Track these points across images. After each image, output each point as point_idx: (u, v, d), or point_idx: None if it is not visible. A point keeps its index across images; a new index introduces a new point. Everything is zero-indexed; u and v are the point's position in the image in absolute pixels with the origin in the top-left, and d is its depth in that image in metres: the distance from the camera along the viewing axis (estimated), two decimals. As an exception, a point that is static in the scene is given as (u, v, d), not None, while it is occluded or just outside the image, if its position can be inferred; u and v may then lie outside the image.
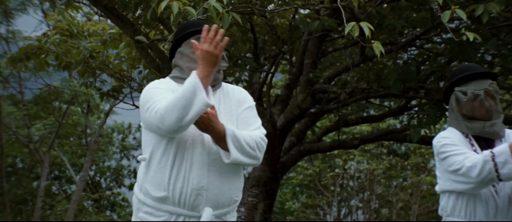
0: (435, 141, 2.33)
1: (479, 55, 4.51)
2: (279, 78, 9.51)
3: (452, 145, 2.23)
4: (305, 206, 14.72)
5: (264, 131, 2.06)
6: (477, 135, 2.27)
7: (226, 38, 1.93)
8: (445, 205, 2.33)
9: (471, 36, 3.02)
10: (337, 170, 14.06)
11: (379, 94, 4.93)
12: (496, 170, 2.09)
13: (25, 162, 15.56)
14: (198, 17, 3.21)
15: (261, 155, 2.01)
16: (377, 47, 2.91)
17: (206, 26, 1.91)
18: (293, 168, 15.59)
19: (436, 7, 3.19)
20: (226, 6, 3.37)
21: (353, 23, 2.88)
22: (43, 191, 11.55)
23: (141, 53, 4.57)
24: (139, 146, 18.09)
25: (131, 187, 17.85)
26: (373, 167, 13.46)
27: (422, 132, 4.50)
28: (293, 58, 5.41)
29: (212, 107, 1.90)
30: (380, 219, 14.62)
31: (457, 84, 2.31)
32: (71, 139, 16.27)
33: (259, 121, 2.10)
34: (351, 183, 14.58)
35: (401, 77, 4.49)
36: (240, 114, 2.06)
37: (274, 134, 4.87)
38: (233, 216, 2.08)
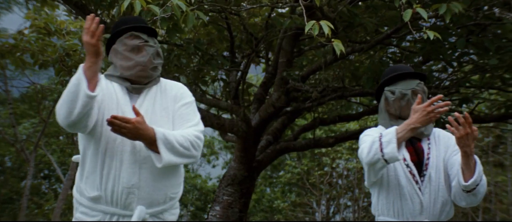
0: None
1: (454, 53, 4.53)
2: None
3: (367, 136, 2.25)
4: (293, 205, 14.74)
5: (201, 128, 2.03)
6: None
7: (101, 25, 1.87)
8: (375, 203, 2.34)
9: (431, 34, 3.03)
10: (326, 169, 14.09)
11: (354, 93, 4.93)
12: (381, 150, 2.09)
13: (13, 161, 15.49)
14: (162, 15, 3.20)
15: (197, 153, 1.98)
16: (337, 46, 2.91)
17: (88, 17, 1.87)
18: (282, 166, 15.62)
19: (406, 5, 3.21)
20: (191, 5, 3.37)
21: (313, 21, 2.89)
22: (29, 190, 11.50)
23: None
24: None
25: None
26: (361, 166, 13.49)
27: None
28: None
29: (138, 114, 1.85)
30: (369, 217, 14.66)
31: (386, 84, 2.34)
32: (61, 138, 16.23)
33: (197, 117, 2.06)
34: (339, 182, 14.62)
35: (374, 75, 4.50)
36: (177, 111, 2.03)
37: (249, 133, 4.87)
38: (172, 214, 2.04)
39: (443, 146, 2.29)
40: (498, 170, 12.39)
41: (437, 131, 2.37)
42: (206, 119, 4.73)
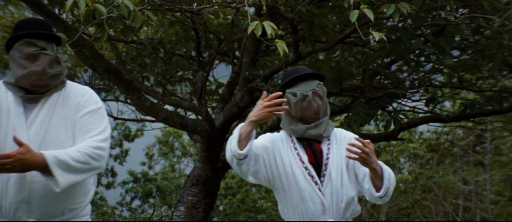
0: None
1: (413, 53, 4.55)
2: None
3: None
4: (277, 205, 14.73)
5: (104, 136, 1.94)
6: (300, 137, 2.32)
7: None
8: (281, 208, 2.37)
9: (377, 36, 3.04)
10: None
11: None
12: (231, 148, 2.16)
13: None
14: (110, 15, 3.18)
15: (99, 163, 1.90)
16: (280, 46, 2.91)
17: None
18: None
19: (357, 5, 3.22)
20: (140, 4, 3.35)
21: (256, 21, 2.88)
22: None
23: (75, 51, 4.53)
24: (117, 144, 18.01)
25: (108, 186, 17.74)
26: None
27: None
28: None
29: (21, 144, 1.76)
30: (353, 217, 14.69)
31: (287, 86, 2.36)
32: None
33: (102, 125, 1.97)
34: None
35: (336, 75, 4.50)
36: (78, 121, 1.95)
37: (212, 133, 4.86)
38: None
39: (345, 145, 2.31)
40: (478, 169, 12.47)
41: (339, 131, 2.41)
42: (169, 119, 4.71)
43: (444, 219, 12.82)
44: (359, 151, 2.10)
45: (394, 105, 5.50)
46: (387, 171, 2.22)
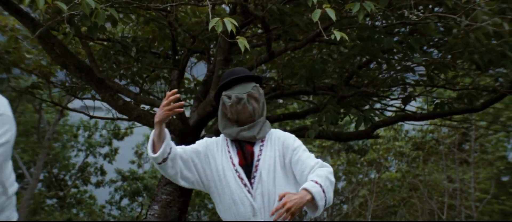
0: None
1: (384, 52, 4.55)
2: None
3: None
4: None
5: None
6: (234, 139, 2.33)
7: None
8: (218, 211, 2.38)
9: (338, 35, 3.04)
10: None
11: (293, 91, 4.94)
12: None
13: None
14: (71, 12, 3.16)
15: None
16: (242, 43, 2.91)
17: None
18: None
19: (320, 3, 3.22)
20: (104, 2, 3.33)
21: (217, 18, 2.87)
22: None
23: (46, 49, 4.50)
24: (105, 143, 17.92)
25: (97, 185, 17.66)
26: (331, 163, 13.58)
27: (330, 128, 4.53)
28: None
29: None
30: (340, 216, 14.74)
31: (224, 88, 2.36)
32: (35, 137, 16.03)
33: None
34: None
35: (309, 73, 4.51)
36: None
37: (186, 131, 4.84)
38: None
39: (279, 146, 2.32)
40: (464, 168, 12.55)
41: (275, 132, 2.41)
42: (142, 118, 4.69)
43: (430, 217, 12.89)
44: (284, 215, 2.01)
45: (378, 105, 5.52)
46: (318, 192, 2.10)
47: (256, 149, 2.33)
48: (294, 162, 2.27)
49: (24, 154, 14.90)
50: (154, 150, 2.20)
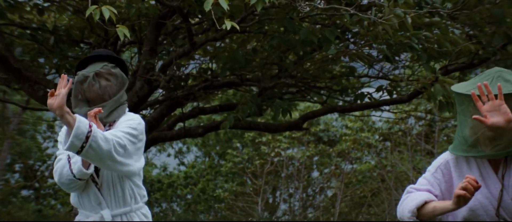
0: None
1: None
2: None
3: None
4: (235, 194, 14.79)
5: None
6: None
7: None
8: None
9: (229, 25, 3.02)
10: (274, 158, 14.14)
11: (222, 83, 4.92)
12: (71, 170, 2.14)
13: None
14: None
15: None
16: (121, 31, 2.88)
17: None
18: (223, 156, 15.62)
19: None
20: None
21: (94, 6, 2.83)
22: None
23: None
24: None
25: (76, 175, 17.51)
26: (300, 155, 13.61)
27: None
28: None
29: None
30: (313, 206, 14.80)
31: (79, 68, 2.33)
32: None
33: None
34: (284, 170, 14.71)
35: (232, 64, 4.49)
36: None
37: (112, 122, 4.81)
38: None
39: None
40: (429, 159, 12.64)
41: (128, 116, 2.38)
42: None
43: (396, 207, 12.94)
44: None
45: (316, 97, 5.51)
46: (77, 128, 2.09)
47: None
48: None
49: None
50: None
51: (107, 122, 2.29)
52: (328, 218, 14.21)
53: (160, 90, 5.61)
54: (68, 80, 2.07)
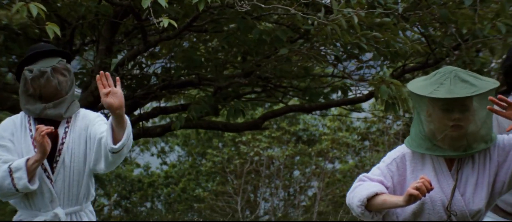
0: None
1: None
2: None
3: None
4: (215, 193, 14.75)
5: None
6: (38, 117, 2.25)
7: None
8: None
9: (166, 22, 3.00)
10: (255, 157, 14.11)
11: (179, 82, 4.88)
12: (14, 185, 2.12)
13: None
14: None
15: None
16: (50, 29, 2.83)
17: None
18: (204, 155, 15.57)
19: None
20: None
21: (21, 3, 2.77)
22: None
23: None
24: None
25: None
26: (279, 154, 13.60)
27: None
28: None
29: None
30: (293, 206, 14.80)
31: (26, 63, 2.26)
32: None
33: None
34: (264, 170, 14.69)
35: (187, 63, 4.45)
36: None
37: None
38: None
39: (82, 126, 2.30)
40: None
41: (83, 112, 2.38)
42: (17, 108, 4.57)
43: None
44: None
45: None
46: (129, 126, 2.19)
47: (61, 131, 2.27)
48: (93, 132, 2.28)
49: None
50: None
51: (65, 118, 2.26)
52: (308, 217, 14.23)
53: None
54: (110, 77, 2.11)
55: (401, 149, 2.13)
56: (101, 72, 2.11)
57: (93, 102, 4.91)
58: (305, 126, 13.53)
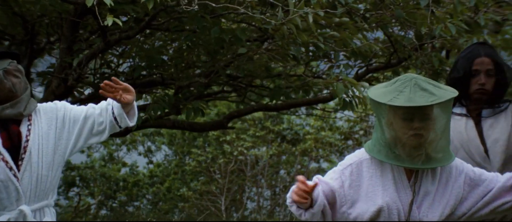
0: None
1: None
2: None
3: None
4: (199, 193, 14.70)
5: None
6: None
7: None
8: None
9: (110, 20, 2.94)
10: (239, 156, 14.07)
11: (143, 82, 4.82)
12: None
13: None
14: None
15: None
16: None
17: None
18: (189, 154, 15.51)
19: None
20: None
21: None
22: None
23: None
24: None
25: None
26: (263, 153, 13.57)
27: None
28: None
29: None
30: (278, 204, 14.78)
31: None
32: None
33: None
34: (248, 169, 14.66)
35: (149, 62, 4.39)
36: None
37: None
38: None
39: (46, 121, 2.32)
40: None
41: (42, 106, 2.38)
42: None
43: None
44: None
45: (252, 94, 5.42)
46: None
47: (24, 129, 2.28)
48: (73, 115, 2.40)
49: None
50: None
51: (26, 116, 2.28)
52: (294, 216, 14.23)
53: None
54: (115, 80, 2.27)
55: (359, 155, 2.13)
56: (105, 81, 2.25)
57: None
58: (289, 125, 13.51)
